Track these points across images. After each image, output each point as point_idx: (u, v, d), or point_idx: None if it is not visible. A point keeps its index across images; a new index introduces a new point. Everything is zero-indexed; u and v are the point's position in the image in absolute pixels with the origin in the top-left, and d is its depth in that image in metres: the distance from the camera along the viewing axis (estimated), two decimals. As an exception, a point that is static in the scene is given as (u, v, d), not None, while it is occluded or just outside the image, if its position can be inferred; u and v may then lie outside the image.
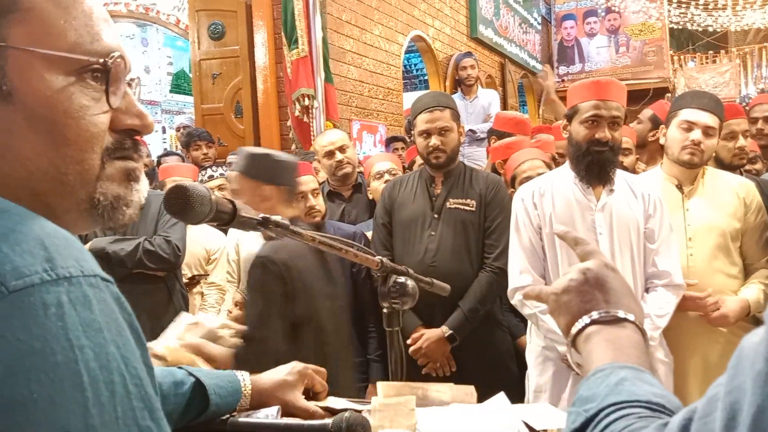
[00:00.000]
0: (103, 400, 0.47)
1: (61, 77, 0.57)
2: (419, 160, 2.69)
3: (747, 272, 2.24)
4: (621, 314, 0.70)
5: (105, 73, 0.60)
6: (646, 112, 3.50)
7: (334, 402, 1.19)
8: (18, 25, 0.56)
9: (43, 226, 0.52)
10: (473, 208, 2.41)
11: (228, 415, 1.08)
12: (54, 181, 0.58)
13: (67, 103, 0.58)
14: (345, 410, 1.00)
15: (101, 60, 0.60)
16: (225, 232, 3.19)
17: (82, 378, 0.46)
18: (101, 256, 2.43)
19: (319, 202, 2.53)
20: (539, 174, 2.65)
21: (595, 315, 0.71)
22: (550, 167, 2.77)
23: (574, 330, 0.72)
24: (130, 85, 0.65)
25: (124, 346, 0.50)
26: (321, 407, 1.13)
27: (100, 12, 0.62)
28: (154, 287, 2.58)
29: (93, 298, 0.49)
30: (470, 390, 1.18)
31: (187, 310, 2.76)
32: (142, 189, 0.66)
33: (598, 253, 0.79)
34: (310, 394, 1.20)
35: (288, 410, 1.11)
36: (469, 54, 6.58)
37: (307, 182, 2.53)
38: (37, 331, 0.46)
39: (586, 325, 0.71)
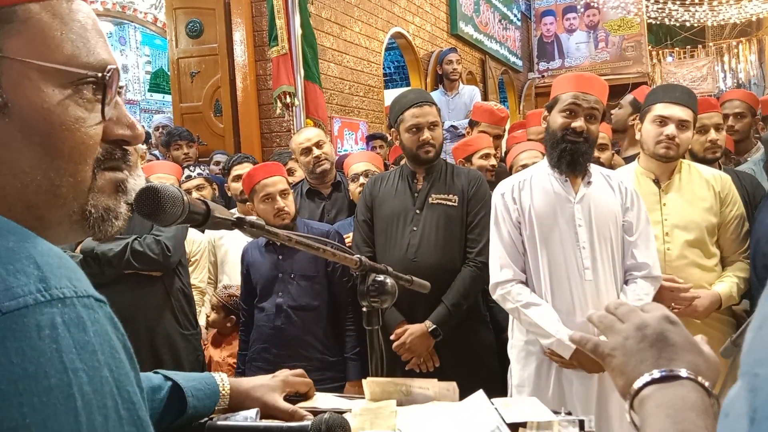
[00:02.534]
0: (96, 425, 0.47)
1: (57, 89, 0.57)
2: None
3: (724, 264, 2.27)
4: (679, 372, 0.67)
5: (101, 86, 0.60)
6: (627, 97, 3.54)
7: (322, 400, 1.18)
8: (15, 36, 0.55)
9: (36, 245, 0.51)
10: (455, 203, 2.42)
11: (206, 418, 1.07)
12: (47, 194, 0.57)
13: (63, 115, 0.57)
14: (325, 411, 1.00)
15: (99, 75, 0.60)
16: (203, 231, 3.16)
17: (75, 402, 0.46)
18: (91, 256, 2.36)
19: (288, 203, 2.51)
20: (535, 163, 2.70)
21: (647, 378, 0.68)
22: None
23: (630, 393, 0.69)
24: (118, 93, 0.64)
25: (118, 368, 0.50)
26: (307, 408, 1.13)
27: (95, 25, 0.62)
28: (150, 288, 2.49)
29: (87, 320, 0.48)
30: (452, 386, 1.18)
31: (189, 309, 2.66)
32: (138, 185, 0.66)
33: (659, 307, 0.75)
34: (297, 394, 1.19)
35: (268, 412, 1.10)
36: (453, 49, 6.60)
37: (275, 183, 2.50)
38: (30, 353, 0.45)
39: (641, 388, 0.68)
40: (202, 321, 3.09)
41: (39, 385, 0.44)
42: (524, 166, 2.72)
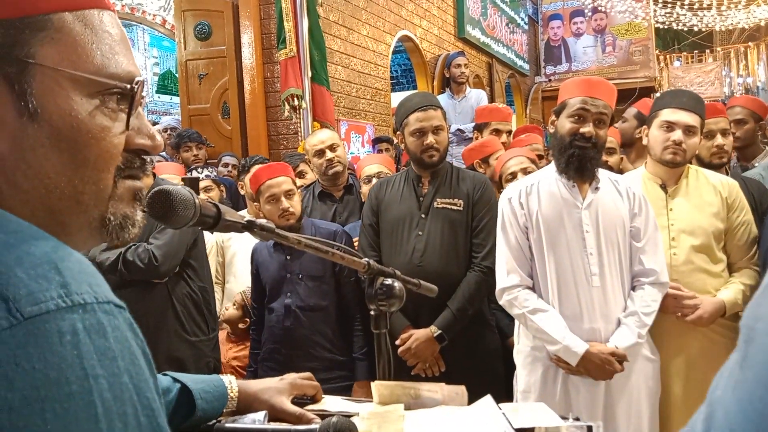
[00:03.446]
0: (116, 431, 0.47)
1: (85, 98, 0.58)
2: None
3: (731, 270, 2.26)
4: None
5: (128, 97, 0.61)
6: (631, 110, 3.54)
7: (330, 404, 1.18)
8: (48, 44, 0.56)
9: (57, 249, 0.51)
10: (460, 208, 2.41)
11: (214, 421, 1.07)
12: (71, 200, 0.58)
13: (90, 124, 0.58)
14: (332, 415, 1.00)
15: (128, 86, 0.61)
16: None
17: (96, 409, 0.46)
18: (96, 264, 2.34)
19: (293, 204, 2.51)
20: (523, 169, 2.70)
21: None
22: (535, 163, 2.82)
23: None
24: (140, 103, 0.66)
25: (137, 375, 0.50)
26: (315, 411, 1.13)
27: (123, 37, 0.64)
28: (151, 294, 2.45)
29: (107, 326, 0.49)
30: (461, 390, 1.18)
31: (200, 314, 2.59)
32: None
33: None
34: (305, 397, 1.20)
35: (275, 414, 1.11)
36: (461, 53, 6.60)
37: (280, 184, 2.50)
38: (52, 359, 0.45)
39: None
40: None
41: (60, 391, 0.45)
42: (513, 174, 2.73)
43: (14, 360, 0.44)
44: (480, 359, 2.39)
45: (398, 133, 2.54)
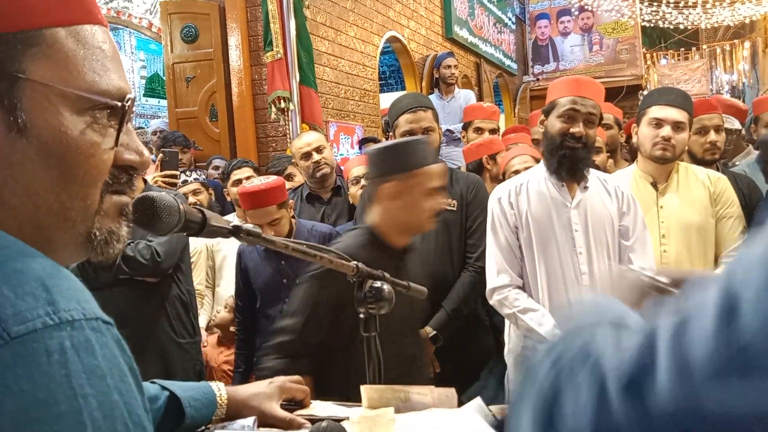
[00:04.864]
0: None
1: (75, 115, 0.58)
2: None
3: (718, 264, 2.28)
4: None
5: (118, 114, 0.61)
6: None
7: (320, 408, 1.18)
8: (39, 59, 0.56)
9: (44, 266, 0.51)
10: (454, 208, 2.41)
11: (204, 427, 1.06)
12: (58, 216, 0.58)
13: (80, 140, 0.58)
14: (323, 419, 0.99)
15: (119, 104, 0.61)
16: None
17: (86, 429, 0.46)
18: (87, 261, 2.32)
19: (277, 229, 2.46)
20: (527, 167, 2.70)
21: None
22: (539, 161, 2.82)
23: None
24: (129, 119, 0.65)
25: (127, 392, 0.50)
26: (305, 416, 1.12)
27: (115, 52, 0.63)
28: (145, 294, 2.42)
29: (95, 343, 0.48)
30: (451, 392, 1.18)
31: (187, 317, 2.58)
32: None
33: None
34: (293, 401, 1.19)
35: (265, 420, 1.10)
36: (451, 53, 6.61)
37: (261, 217, 2.45)
38: (40, 380, 0.45)
39: None
40: (202, 323, 3.06)
41: (49, 412, 0.44)
42: (516, 172, 2.73)
43: (2, 382, 0.43)
44: (474, 359, 2.39)
45: (390, 134, 2.53)
